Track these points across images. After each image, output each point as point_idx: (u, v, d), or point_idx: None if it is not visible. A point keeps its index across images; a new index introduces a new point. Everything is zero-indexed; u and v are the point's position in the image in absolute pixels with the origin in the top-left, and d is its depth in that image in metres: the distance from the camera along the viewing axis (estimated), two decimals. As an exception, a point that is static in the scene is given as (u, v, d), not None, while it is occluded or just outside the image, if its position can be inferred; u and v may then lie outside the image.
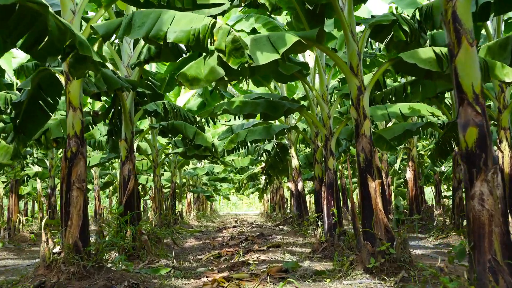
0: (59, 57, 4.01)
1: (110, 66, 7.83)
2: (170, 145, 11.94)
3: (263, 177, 22.73)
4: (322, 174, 8.79)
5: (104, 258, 4.88)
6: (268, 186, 18.47)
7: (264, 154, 13.71)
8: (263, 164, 15.74)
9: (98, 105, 12.49)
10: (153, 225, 9.58)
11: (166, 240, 9.08)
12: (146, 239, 6.60)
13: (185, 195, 17.71)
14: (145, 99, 9.46)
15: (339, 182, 21.82)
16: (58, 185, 17.06)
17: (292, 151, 10.48)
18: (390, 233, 4.69)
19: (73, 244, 4.49)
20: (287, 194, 20.43)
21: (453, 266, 4.04)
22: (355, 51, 4.85)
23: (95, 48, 4.85)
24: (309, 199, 23.82)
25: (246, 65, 4.17)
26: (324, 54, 7.03)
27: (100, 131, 9.74)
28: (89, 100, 12.74)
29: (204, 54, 4.76)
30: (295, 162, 10.44)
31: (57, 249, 4.60)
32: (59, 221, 4.80)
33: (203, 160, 20.17)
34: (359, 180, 4.80)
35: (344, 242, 6.44)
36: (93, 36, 5.81)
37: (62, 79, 4.90)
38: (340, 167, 18.68)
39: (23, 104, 5.20)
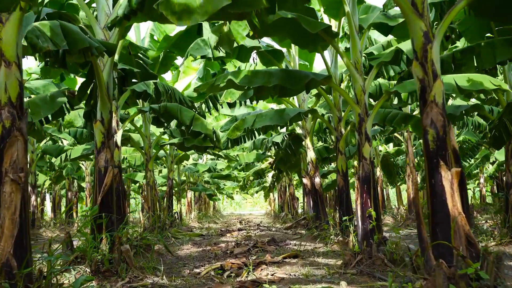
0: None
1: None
2: (166, 135, 10.46)
3: (270, 174, 21.23)
4: (346, 167, 7.28)
5: (55, 282, 3.39)
6: (275, 184, 16.94)
7: (272, 148, 12.22)
8: (270, 159, 14.22)
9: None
10: (143, 229, 8.11)
11: (159, 247, 7.59)
12: (128, 249, 5.10)
13: (184, 194, 16.23)
14: (134, 80, 7.99)
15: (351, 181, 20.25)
16: (41, 183, 15.61)
17: (307, 141, 8.96)
18: (475, 248, 3.17)
19: (3, 263, 3.00)
20: (296, 193, 18.88)
21: None
22: (419, -19, 3.33)
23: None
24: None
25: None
26: (357, 12, 5.50)
27: (82, 117, 8.26)
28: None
29: None
30: (311, 154, 8.93)
31: (-19, 271, 3.11)
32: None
33: (204, 155, 18.64)
34: (427, 168, 3.29)
35: (386, 254, 4.94)
36: None
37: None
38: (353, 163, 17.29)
39: None
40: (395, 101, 7.62)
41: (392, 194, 28.55)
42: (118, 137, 7.07)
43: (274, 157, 14.27)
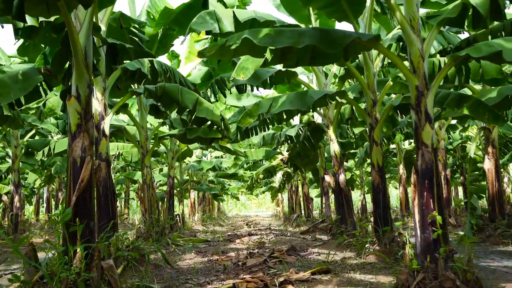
0: None
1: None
2: (166, 128, 9.22)
3: (279, 174, 19.95)
4: (382, 160, 6.03)
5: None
6: (286, 183, 15.67)
7: (286, 143, 10.98)
8: (282, 156, 12.97)
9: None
10: (137, 235, 6.87)
11: (156, 256, 6.36)
12: (111, 266, 3.86)
13: (187, 194, 14.98)
14: (126, 61, 6.78)
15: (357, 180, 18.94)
16: (29, 182, 14.36)
17: (330, 132, 7.68)
18: None
19: None
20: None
21: None
22: None
23: None
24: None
25: None
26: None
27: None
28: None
29: None
30: (334, 147, 7.64)
31: None
32: None
33: (209, 152, 17.34)
34: None
35: (458, 273, 3.67)
36: None
37: None
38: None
39: None
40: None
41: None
42: (106, 125, 5.84)
43: (286, 153, 13.01)
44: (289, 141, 10.73)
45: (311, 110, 6.59)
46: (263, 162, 18.34)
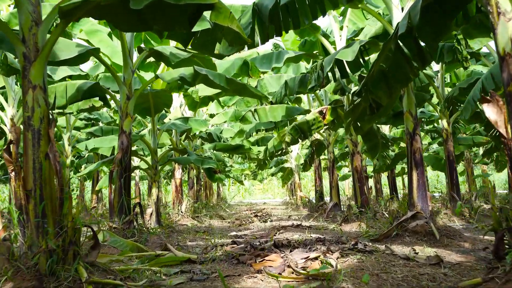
0: None
1: None
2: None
3: (295, 149, 15.32)
4: None
5: None
6: (315, 157, 11.01)
7: (332, 80, 6.35)
8: (321, 109, 8.27)
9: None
10: None
11: None
12: None
13: (169, 173, 10.34)
14: None
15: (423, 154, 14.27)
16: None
17: (498, -7, 3.03)
18: None
19: None
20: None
21: None
22: None
23: None
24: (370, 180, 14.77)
25: None
26: None
27: None
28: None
29: None
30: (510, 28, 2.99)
31: None
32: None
33: (206, 115, 12.56)
34: None
35: None
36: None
37: None
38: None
39: None
40: None
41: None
42: None
43: (330, 104, 8.34)
44: (338, 75, 6.14)
45: None
46: (273, 133, 13.77)
